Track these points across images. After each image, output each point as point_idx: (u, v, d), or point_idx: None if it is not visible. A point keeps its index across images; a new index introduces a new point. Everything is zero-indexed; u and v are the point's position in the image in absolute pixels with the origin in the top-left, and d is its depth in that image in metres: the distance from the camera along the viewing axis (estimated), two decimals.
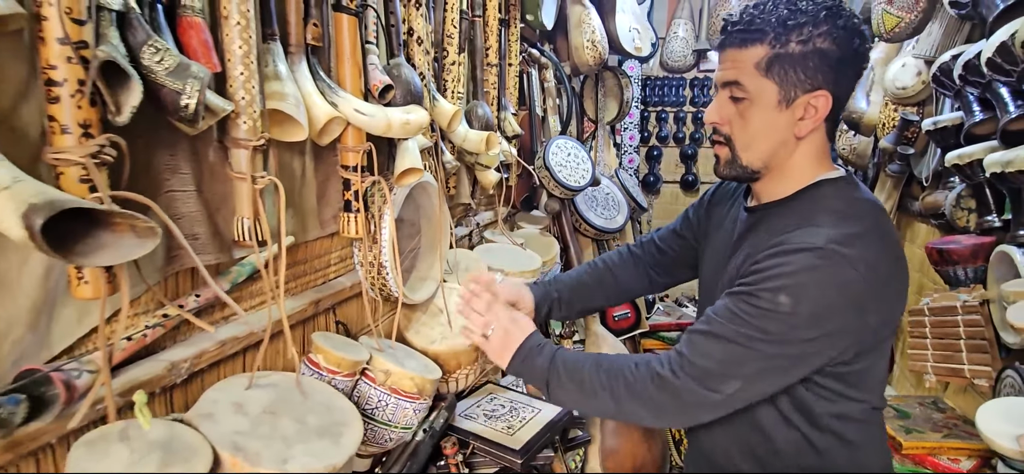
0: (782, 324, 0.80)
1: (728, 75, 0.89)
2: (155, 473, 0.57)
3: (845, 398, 0.88)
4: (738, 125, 0.90)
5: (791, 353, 0.82)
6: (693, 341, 0.86)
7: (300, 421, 0.75)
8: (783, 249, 0.82)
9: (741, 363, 0.83)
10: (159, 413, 0.72)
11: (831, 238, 0.80)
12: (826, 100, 0.86)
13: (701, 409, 0.86)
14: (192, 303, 0.76)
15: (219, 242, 0.80)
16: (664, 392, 0.85)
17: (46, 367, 0.58)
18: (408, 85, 1.06)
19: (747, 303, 0.82)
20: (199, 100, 0.62)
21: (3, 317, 0.55)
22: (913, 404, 1.74)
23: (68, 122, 0.54)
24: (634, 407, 0.88)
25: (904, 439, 1.54)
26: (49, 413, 0.57)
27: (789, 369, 0.84)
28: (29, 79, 0.56)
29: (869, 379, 0.89)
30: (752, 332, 0.81)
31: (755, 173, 0.93)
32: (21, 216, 0.48)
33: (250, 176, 0.75)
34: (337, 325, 1.09)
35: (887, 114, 2.22)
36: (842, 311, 0.80)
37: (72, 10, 0.53)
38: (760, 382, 0.84)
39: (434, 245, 1.30)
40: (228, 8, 0.71)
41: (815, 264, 0.79)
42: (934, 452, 1.52)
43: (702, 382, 0.84)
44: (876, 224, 0.86)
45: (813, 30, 0.83)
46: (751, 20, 0.86)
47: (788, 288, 0.80)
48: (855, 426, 0.90)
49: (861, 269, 0.79)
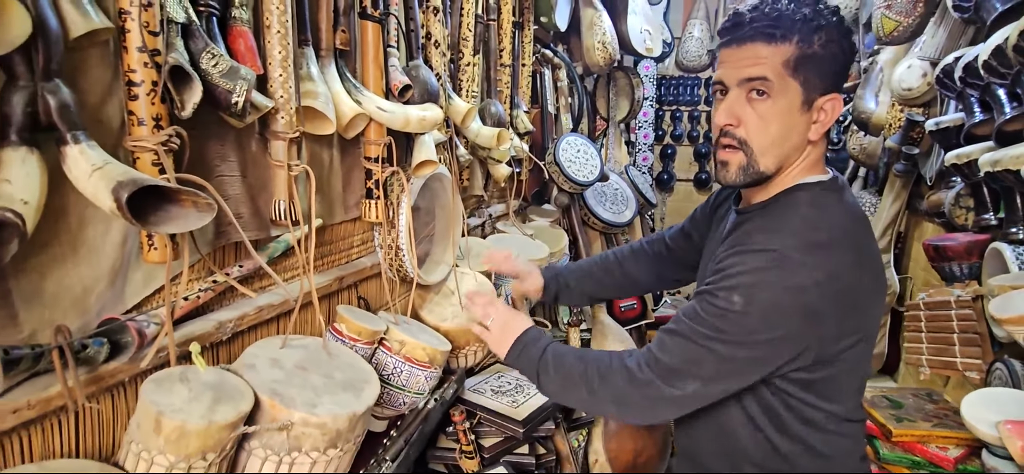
0: (734, 324, 0.80)
1: (751, 72, 0.83)
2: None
3: (811, 407, 0.87)
4: (756, 127, 0.85)
5: (743, 355, 0.82)
6: (661, 339, 0.88)
7: (327, 376, 0.87)
8: (741, 250, 0.83)
9: (699, 362, 0.83)
10: (207, 364, 0.85)
11: (788, 244, 0.80)
12: (837, 104, 0.85)
13: (663, 405, 0.87)
14: (236, 272, 0.88)
15: (259, 221, 0.91)
16: (631, 386, 0.87)
17: (123, 317, 0.70)
18: (425, 85, 1.17)
19: (707, 302, 0.83)
20: (247, 98, 0.74)
21: (90, 275, 0.68)
22: (907, 395, 1.80)
23: (144, 116, 0.66)
24: (604, 398, 0.90)
25: (894, 427, 1.61)
26: (125, 355, 0.70)
27: (743, 371, 0.84)
28: (113, 81, 0.68)
29: (836, 389, 0.87)
30: (709, 331, 0.82)
31: (767, 178, 0.89)
32: (111, 191, 0.59)
33: (287, 164, 0.87)
34: (359, 300, 1.21)
35: (894, 115, 2.26)
36: (793, 316, 0.79)
37: (149, 24, 0.65)
38: (717, 382, 0.85)
39: (447, 232, 1.41)
40: (270, 18, 0.83)
41: (766, 266, 0.79)
42: (924, 440, 1.58)
43: (665, 379, 0.85)
44: (846, 234, 0.84)
45: (833, 32, 0.82)
46: (779, 16, 0.82)
47: (740, 288, 0.80)
48: (823, 436, 0.88)
49: (817, 277, 0.78)
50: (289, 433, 0.76)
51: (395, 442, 1.17)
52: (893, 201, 2.45)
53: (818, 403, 0.87)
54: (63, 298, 0.65)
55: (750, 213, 0.93)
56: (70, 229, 0.65)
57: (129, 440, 0.67)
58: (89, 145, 0.61)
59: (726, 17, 0.89)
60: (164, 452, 0.65)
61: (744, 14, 0.85)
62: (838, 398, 0.89)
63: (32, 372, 0.62)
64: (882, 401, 1.76)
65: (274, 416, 0.75)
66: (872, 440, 1.68)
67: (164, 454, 0.65)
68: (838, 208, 0.88)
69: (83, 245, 0.67)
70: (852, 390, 0.91)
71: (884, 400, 1.77)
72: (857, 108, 2.46)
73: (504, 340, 1.03)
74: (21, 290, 0.62)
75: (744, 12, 0.85)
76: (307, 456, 0.78)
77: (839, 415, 0.89)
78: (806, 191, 0.89)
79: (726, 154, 0.89)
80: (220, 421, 0.67)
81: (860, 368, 0.91)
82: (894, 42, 1.92)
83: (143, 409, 0.66)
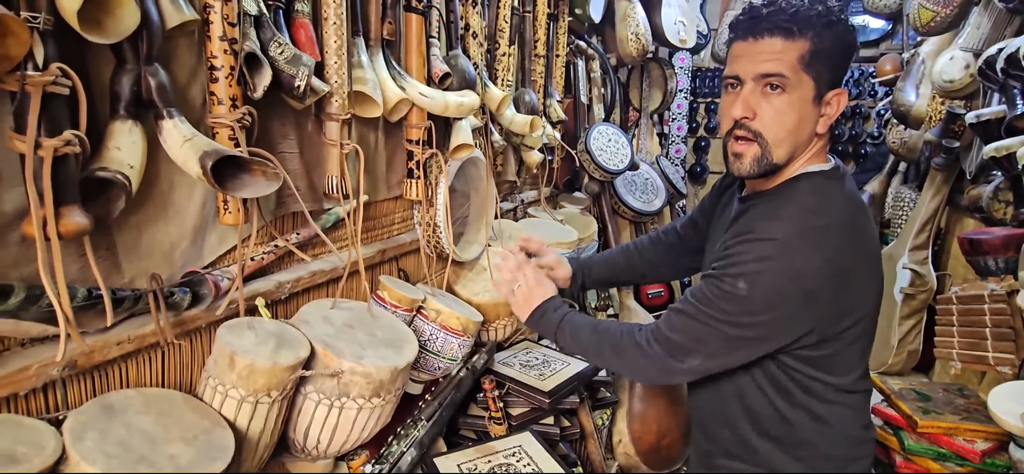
0: (738, 306, 0.86)
1: (768, 67, 0.86)
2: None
3: (813, 379, 0.93)
4: (772, 119, 0.88)
5: (747, 335, 0.89)
6: (668, 317, 0.96)
7: (371, 334, 0.96)
8: (746, 238, 0.88)
9: (703, 340, 0.91)
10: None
11: (789, 231, 0.85)
12: (843, 97, 0.90)
13: (669, 374, 0.98)
14: (294, 239, 0.98)
15: (313, 194, 1.02)
16: (641, 357, 0.97)
17: (202, 271, 0.81)
18: (463, 73, 1.25)
19: (714, 285, 0.89)
20: (307, 82, 0.83)
21: (177, 233, 0.79)
22: (937, 389, 1.79)
23: (222, 96, 0.77)
24: (618, 365, 1.04)
25: (920, 419, 1.61)
26: (203, 303, 0.81)
27: (745, 348, 0.91)
28: (197, 65, 0.78)
29: (838, 363, 0.93)
30: (714, 313, 0.88)
31: (779, 169, 0.92)
32: (198, 159, 0.70)
33: (339, 143, 0.97)
34: (399, 272, 1.31)
35: (934, 107, 2.22)
36: (794, 299, 0.85)
37: (228, 16, 0.75)
38: (720, 357, 0.92)
39: (481, 214, 1.49)
40: (327, 11, 0.92)
41: (770, 254, 0.84)
42: (950, 432, 1.58)
43: (671, 354, 0.94)
44: (845, 219, 0.89)
45: (841, 28, 0.87)
46: (795, 12, 0.85)
47: (746, 274, 0.85)
48: (824, 405, 0.95)
49: (816, 261, 0.83)
50: (339, 380, 0.85)
51: (429, 404, 1.27)
52: (933, 196, 2.41)
53: (819, 376, 0.93)
54: (155, 251, 0.77)
55: (754, 200, 0.98)
56: (161, 192, 0.76)
57: (207, 375, 0.78)
58: (181, 120, 0.71)
59: (740, 12, 0.94)
60: (236, 387, 0.75)
61: (760, 9, 0.88)
62: (840, 371, 0.94)
63: (130, 313, 0.73)
64: (910, 394, 1.76)
65: (326, 364, 0.85)
66: (898, 431, 1.69)
67: (236, 388, 0.75)
68: (838, 195, 0.92)
69: (171, 206, 0.78)
70: (853, 364, 0.96)
71: (912, 392, 1.77)
72: (897, 101, 2.42)
73: (528, 304, 1.13)
74: (123, 242, 0.73)
75: (760, 7, 0.88)
76: (354, 402, 0.87)
77: (841, 387, 0.95)
78: (808, 180, 0.93)
79: (741, 146, 0.92)
80: (283, 363, 0.77)
81: (859, 343, 0.95)
82: (931, 33, 1.89)
83: (219, 349, 0.76)
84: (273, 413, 0.80)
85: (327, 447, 0.91)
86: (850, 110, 3.95)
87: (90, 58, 0.66)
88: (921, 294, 2.36)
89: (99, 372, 0.72)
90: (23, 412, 0.64)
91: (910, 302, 2.36)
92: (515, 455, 1.24)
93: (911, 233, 2.42)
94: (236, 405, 0.76)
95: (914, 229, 2.41)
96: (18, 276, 0.62)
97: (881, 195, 2.93)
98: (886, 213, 2.85)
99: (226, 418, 0.75)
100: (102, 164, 0.65)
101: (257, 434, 0.79)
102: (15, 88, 0.56)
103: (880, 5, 3.03)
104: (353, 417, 0.88)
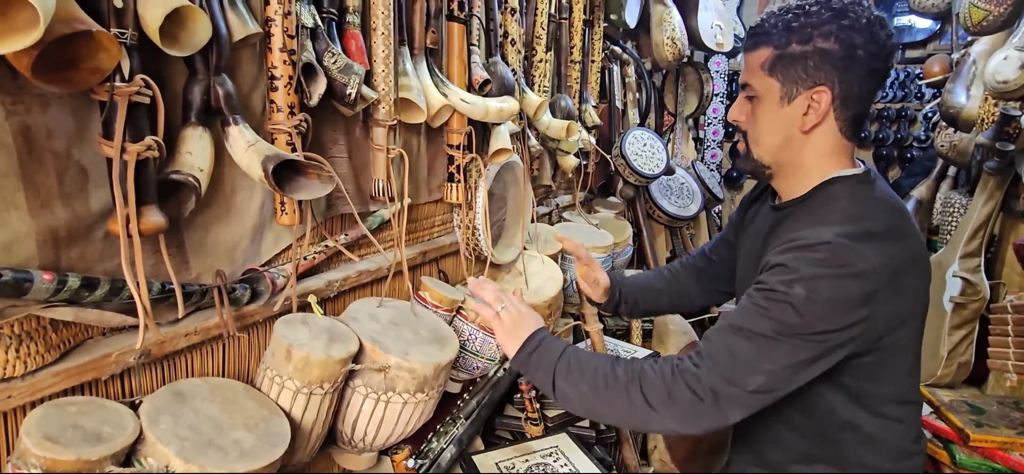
0: (798, 315, 0.81)
1: (743, 79, 1.00)
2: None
3: (863, 391, 0.91)
4: (750, 123, 1.00)
5: (811, 345, 0.83)
6: (713, 339, 0.88)
7: (415, 332, 1.00)
8: (795, 245, 0.86)
9: (767, 356, 0.83)
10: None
11: (840, 233, 0.83)
12: (826, 96, 0.90)
13: (728, 405, 0.84)
14: (343, 240, 1.03)
15: (361, 197, 1.06)
16: (688, 390, 0.84)
17: (260, 268, 0.86)
18: (502, 79, 1.28)
19: (766, 298, 0.84)
20: (358, 90, 0.88)
21: (238, 232, 0.84)
22: (991, 402, 1.72)
23: (281, 104, 0.81)
24: (655, 410, 0.86)
25: (973, 432, 1.55)
26: (261, 299, 0.85)
27: (813, 361, 0.84)
28: (258, 75, 0.83)
29: (888, 373, 0.92)
30: (774, 323, 0.83)
31: (766, 168, 1.00)
32: (261, 163, 0.74)
33: (385, 148, 1.01)
34: (439, 273, 1.34)
35: (987, 109, 2.14)
36: (856, 303, 0.83)
37: (288, 29, 0.80)
38: (785, 375, 0.84)
39: (518, 217, 1.51)
40: (376, 22, 0.97)
41: (826, 258, 0.82)
42: (1005, 447, 1.51)
43: (726, 377, 0.84)
44: (889, 223, 0.89)
45: (814, 31, 0.89)
46: (760, 25, 0.96)
47: (802, 280, 0.82)
48: (874, 418, 0.92)
49: (873, 262, 0.82)
50: (386, 374, 0.89)
51: (468, 403, 1.30)
52: (986, 201, 2.31)
53: (867, 386, 0.91)
54: (219, 249, 0.82)
55: (789, 208, 1.00)
56: (225, 195, 0.82)
57: (265, 367, 0.83)
58: (245, 126, 0.76)
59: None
60: (293, 378, 0.80)
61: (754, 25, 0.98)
62: (890, 381, 0.92)
63: (197, 306, 0.78)
64: (962, 406, 1.70)
65: (374, 359, 0.89)
66: (949, 444, 1.63)
67: (292, 379, 0.80)
68: (876, 199, 0.94)
69: (234, 208, 0.83)
70: (903, 373, 0.94)
71: (965, 405, 1.70)
72: (946, 103, 2.34)
73: (517, 333, 0.99)
74: (191, 241, 0.78)
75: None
76: (399, 396, 0.91)
77: (891, 398, 0.93)
78: (842, 184, 0.95)
79: (740, 145, 1.06)
80: (335, 356, 0.81)
81: (911, 350, 0.94)
82: (983, 32, 1.83)
83: (276, 342, 0.81)
84: (325, 404, 0.84)
85: (373, 440, 0.94)
86: (895, 113, 3.82)
87: (165, 69, 0.72)
88: (973, 303, 2.26)
89: (168, 361, 0.77)
90: (102, 396, 0.70)
91: (961, 312, 2.27)
92: (552, 455, 1.26)
93: (962, 240, 2.32)
94: (292, 396, 0.80)
95: (965, 236, 2.32)
96: (102, 269, 0.67)
97: (929, 200, 2.83)
98: (934, 219, 2.75)
99: (282, 408, 0.80)
100: (176, 167, 0.70)
101: (310, 424, 0.83)
102: (104, 98, 0.61)
103: (927, 5, 2.94)
104: (398, 411, 0.92)
